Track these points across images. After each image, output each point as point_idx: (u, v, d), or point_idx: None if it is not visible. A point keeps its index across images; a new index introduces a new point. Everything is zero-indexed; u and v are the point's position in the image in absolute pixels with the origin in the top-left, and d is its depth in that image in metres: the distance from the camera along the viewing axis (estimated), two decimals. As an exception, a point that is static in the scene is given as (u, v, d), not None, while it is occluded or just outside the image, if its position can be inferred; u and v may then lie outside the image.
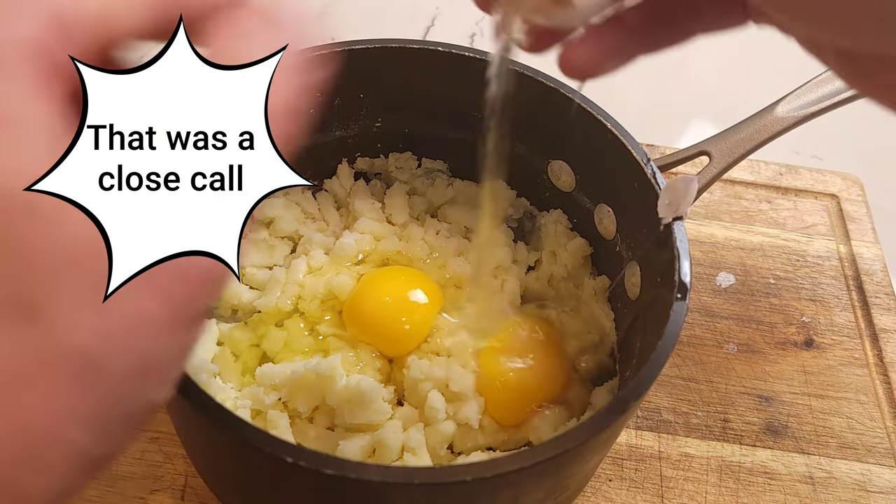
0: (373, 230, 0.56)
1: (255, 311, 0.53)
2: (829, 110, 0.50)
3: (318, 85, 0.26)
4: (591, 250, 0.56)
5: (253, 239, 0.56)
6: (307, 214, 0.58)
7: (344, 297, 0.53)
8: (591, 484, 0.52)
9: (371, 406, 0.46)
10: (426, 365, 0.49)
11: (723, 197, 0.70)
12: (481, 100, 0.48)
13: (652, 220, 0.46)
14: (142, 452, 0.50)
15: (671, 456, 0.54)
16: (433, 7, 0.89)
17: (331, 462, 0.34)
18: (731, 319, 0.62)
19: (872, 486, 0.54)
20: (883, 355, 0.61)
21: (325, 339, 0.52)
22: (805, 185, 0.72)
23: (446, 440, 0.47)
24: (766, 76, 0.87)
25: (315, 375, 0.46)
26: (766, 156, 0.63)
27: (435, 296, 0.53)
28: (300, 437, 0.47)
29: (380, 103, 0.56)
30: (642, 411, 0.56)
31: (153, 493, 0.49)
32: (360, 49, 0.51)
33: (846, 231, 0.69)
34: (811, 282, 0.65)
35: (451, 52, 0.52)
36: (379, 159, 0.60)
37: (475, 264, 0.55)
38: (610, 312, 0.55)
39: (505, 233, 0.58)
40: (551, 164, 0.56)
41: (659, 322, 0.41)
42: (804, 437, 0.56)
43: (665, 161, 0.50)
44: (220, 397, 0.48)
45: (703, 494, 0.52)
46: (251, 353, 0.52)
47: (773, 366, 0.59)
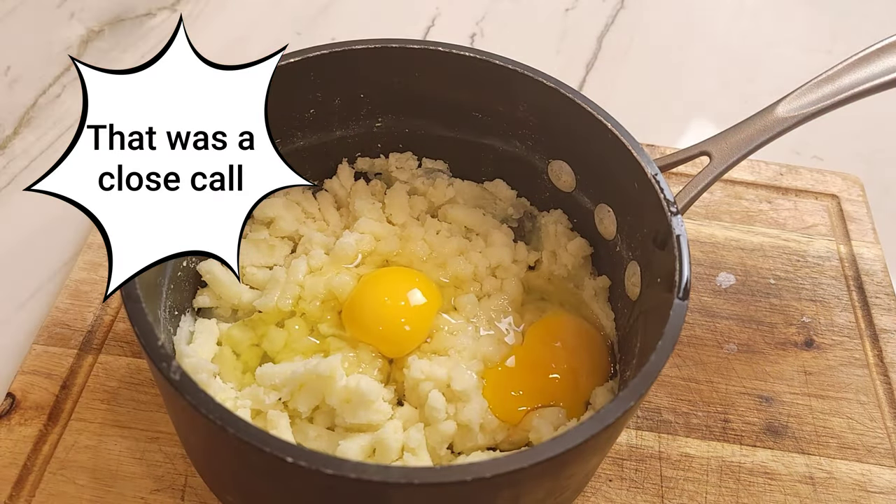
0: (373, 230, 0.56)
1: (256, 311, 0.53)
2: (829, 110, 0.50)
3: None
4: (591, 250, 0.56)
5: (253, 239, 0.56)
6: (307, 214, 0.58)
7: (344, 297, 0.53)
8: (592, 484, 0.52)
9: (371, 406, 0.46)
10: (426, 365, 0.49)
11: (723, 197, 0.70)
12: (481, 100, 0.48)
13: (652, 220, 0.46)
14: (142, 452, 0.51)
15: (671, 456, 0.54)
16: (433, 7, 0.89)
17: (331, 462, 0.34)
18: (731, 319, 0.62)
19: (872, 487, 0.54)
20: (883, 355, 0.61)
21: (325, 340, 0.52)
22: (805, 186, 0.72)
23: (446, 440, 0.47)
24: (766, 76, 0.87)
25: (315, 375, 0.46)
26: (766, 156, 0.63)
27: (434, 296, 0.53)
28: (300, 437, 0.47)
29: (380, 103, 0.56)
30: (642, 411, 0.56)
31: (153, 493, 0.49)
32: (360, 49, 0.51)
33: (846, 231, 0.69)
34: (811, 282, 0.65)
35: (451, 52, 0.52)
36: (379, 159, 0.60)
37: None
38: (610, 312, 0.55)
39: (505, 233, 0.58)
40: (551, 164, 0.56)
41: (659, 322, 0.41)
42: (804, 438, 0.56)
43: (665, 161, 0.50)
44: (220, 397, 0.48)
45: (704, 495, 0.52)
46: (251, 352, 0.52)
47: (773, 366, 0.59)
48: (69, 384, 0.53)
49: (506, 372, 0.51)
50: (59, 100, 0.74)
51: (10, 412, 0.51)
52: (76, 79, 0.76)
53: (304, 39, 0.83)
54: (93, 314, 0.57)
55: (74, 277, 0.59)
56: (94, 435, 0.51)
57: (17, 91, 0.75)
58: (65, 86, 0.76)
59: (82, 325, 0.56)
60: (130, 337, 0.56)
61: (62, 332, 0.56)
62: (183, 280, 0.52)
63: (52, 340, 0.55)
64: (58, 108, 0.74)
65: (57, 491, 0.49)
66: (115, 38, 0.81)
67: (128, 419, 0.52)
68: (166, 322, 0.48)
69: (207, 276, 0.53)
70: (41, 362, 0.54)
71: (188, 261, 0.52)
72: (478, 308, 0.54)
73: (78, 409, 0.52)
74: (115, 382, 0.53)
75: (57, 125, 0.72)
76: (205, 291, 0.54)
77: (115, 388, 0.53)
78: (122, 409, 0.52)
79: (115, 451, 0.51)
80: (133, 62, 0.81)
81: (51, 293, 0.60)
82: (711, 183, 0.49)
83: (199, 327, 0.52)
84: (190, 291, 0.53)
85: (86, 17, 0.83)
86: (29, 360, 0.54)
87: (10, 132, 0.71)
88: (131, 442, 0.51)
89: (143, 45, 0.81)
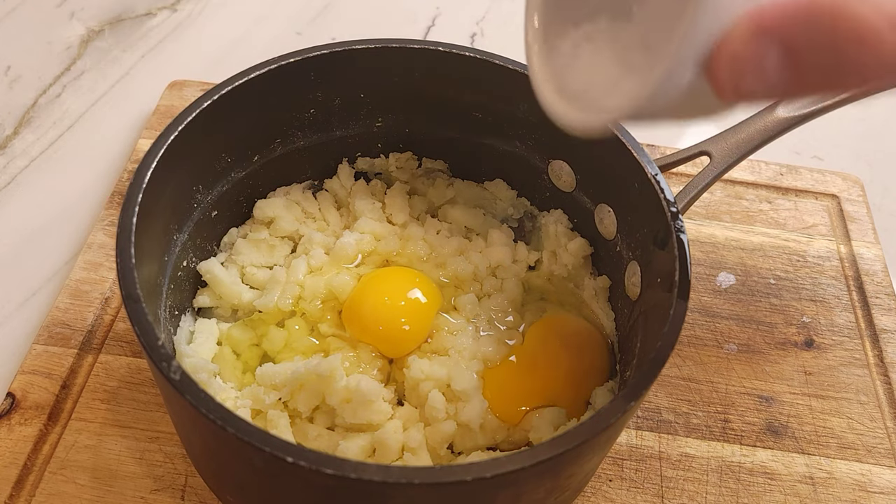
0: (373, 230, 0.56)
1: (256, 310, 0.53)
2: (829, 110, 0.50)
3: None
4: (591, 250, 0.56)
5: (253, 239, 0.56)
6: (307, 214, 0.58)
7: (344, 297, 0.53)
8: (592, 484, 0.52)
9: (371, 406, 0.46)
10: (426, 365, 0.49)
11: (723, 197, 0.70)
12: (481, 100, 0.48)
13: (653, 220, 0.46)
14: (142, 452, 0.51)
15: (671, 456, 0.54)
16: (433, 7, 0.89)
17: (331, 462, 0.34)
18: (731, 319, 0.62)
19: (873, 487, 0.54)
20: (883, 356, 0.61)
21: (325, 339, 0.52)
22: (805, 186, 0.72)
23: (446, 440, 0.47)
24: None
25: (315, 375, 0.46)
26: (766, 156, 0.63)
27: (434, 296, 0.53)
28: (300, 436, 0.47)
29: (380, 103, 0.56)
30: (642, 411, 0.56)
31: (153, 493, 0.49)
32: (360, 49, 0.51)
33: (847, 231, 0.69)
34: (811, 282, 0.65)
35: (451, 52, 0.52)
36: (379, 159, 0.60)
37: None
38: (610, 312, 0.55)
39: (505, 233, 0.58)
40: (552, 164, 0.56)
41: (659, 322, 0.41)
42: (804, 438, 0.56)
43: (665, 161, 0.50)
44: (221, 397, 0.48)
45: (704, 495, 0.52)
46: (251, 352, 0.52)
47: (773, 366, 0.59)
48: (69, 384, 0.53)
49: (506, 372, 0.51)
50: (59, 100, 0.74)
51: (10, 412, 0.51)
52: (76, 79, 0.76)
53: (304, 39, 0.83)
54: (93, 314, 0.57)
55: (74, 277, 0.59)
56: (94, 435, 0.51)
57: (17, 91, 0.75)
58: (65, 86, 0.76)
59: (82, 324, 0.56)
60: (130, 337, 0.56)
61: (62, 331, 0.56)
62: (183, 280, 0.52)
63: (52, 340, 0.55)
64: (58, 108, 0.74)
65: (57, 491, 0.49)
66: (115, 38, 0.81)
67: (128, 419, 0.52)
68: (166, 322, 0.48)
69: (207, 275, 0.53)
70: (41, 362, 0.54)
71: (188, 260, 0.52)
72: (478, 308, 0.54)
73: (78, 409, 0.52)
74: (115, 382, 0.53)
75: (57, 125, 0.72)
76: (205, 291, 0.54)
77: (115, 387, 0.53)
78: (122, 409, 0.52)
79: (115, 450, 0.50)
80: (133, 62, 0.81)
81: (51, 293, 0.60)
82: (711, 183, 0.49)
83: (199, 327, 0.52)
84: (190, 291, 0.53)
85: (86, 16, 0.83)
86: (29, 359, 0.54)
87: (10, 132, 0.71)
88: (131, 442, 0.51)
89: (143, 45, 0.81)
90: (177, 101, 0.71)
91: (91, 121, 0.73)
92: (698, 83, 0.27)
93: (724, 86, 0.27)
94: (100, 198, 0.66)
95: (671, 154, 0.51)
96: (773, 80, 0.25)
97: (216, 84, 0.48)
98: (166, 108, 0.71)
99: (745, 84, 0.26)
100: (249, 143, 0.53)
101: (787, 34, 0.25)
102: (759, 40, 0.25)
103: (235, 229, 0.56)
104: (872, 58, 0.24)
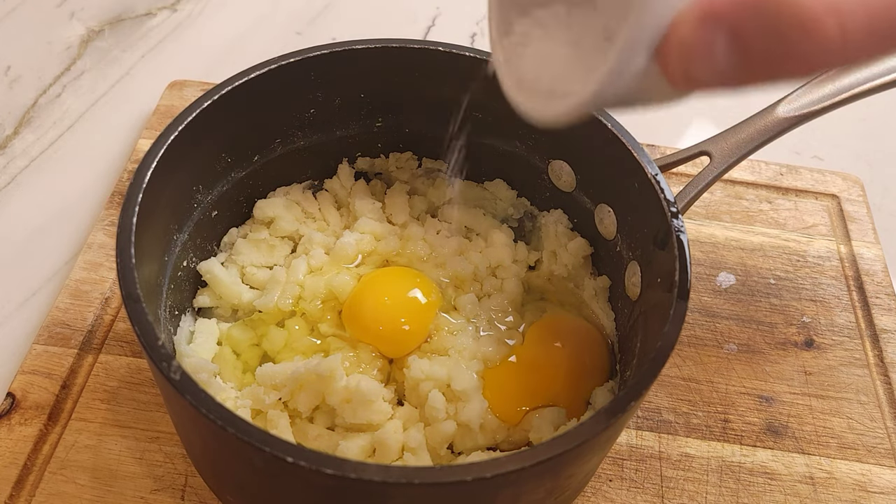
0: (373, 230, 0.56)
1: (256, 310, 0.53)
2: (829, 110, 0.50)
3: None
4: (591, 250, 0.56)
5: (253, 239, 0.56)
6: (307, 214, 0.58)
7: (344, 297, 0.53)
8: (592, 484, 0.52)
9: (371, 406, 0.46)
10: (426, 365, 0.49)
11: (723, 197, 0.70)
12: (481, 100, 0.48)
13: (653, 220, 0.46)
14: (142, 452, 0.51)
15: (671, 456, 0.54)
16: (433, 7, 0.89)
17: (331, 462, 0.34)
18: (731, 319, 0.62)
19: (873, 487, 0.54)
20: (883, 356, 0.61)
21: (325, 339, 0.52)
22: (805, 186, 0.72)
23: (446, 440, 0.47)
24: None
25: (315, 375, 0.46)
26: (766, 156, 0.63)
27: (434, 296, 0.53)
28: (300, 437, 0.47)
29: (380, 103, 0.56)
30: (642, 411, 0.56)
31: (153, 493, 0.49)
32: (360, 49, 0.51)
33: (847, 231, 0.69)
34: (811, 282, 0.65)
35: (451, 52, 0.52)
36: (379, 159, 0.60)
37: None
38: (610, 312, 0.55)
39: (505, 233, 0.58)
40: (552, 164, 0.56)
41: (659, 322, 0.41)
42: (804, 438, 0.56)
43: (665, 161, 0.50)
44: (221, 397, 0.48)
45: (704, 495, 0.52)
46: (251, 352, 0.52)
47: (773, 366, 0.59)
48: (69, 384, 0.53)
49: (506, 372, 0.51)
50: (59, 100, 0.74)
51: (10, 412, 0.51)
52: (76, 79, 0.76)
53: (304, 39, 0.83)
54: (93, 314, 0.57)
55: (74, 277, 0.59)
56: (94, 435, 0.51)
57: (17, 91, 0.75)
58: (65, 86, 0.76)
59: (82, 324, 0.56)
60: (130, 337, 0.56)
61: (62, 331, 0.56)
62: (183, 280, 0.52)
63: (52, 340, 0.55)
64: (58, 108, 0.74)
65: (57, 491, 0.49)
66: (115, 37, 0.81)
67: (128, 419, 0.52)
68: (166, 322, 0.48)
69: (207, 275, 0.53)
70: (41, 362, 0.54)
71: (188, 260, 0.52)
72: (478, 308, 0.54)
73: (78, 409, 0.52)
74: (115, 382, 0.53)
75: (57, 125, 0.72)
76: (205, 291, 0.54)
77: (115, 387, 0.53)
78: (122, 409, 0.52)
79: (115, 450, 0.50)
80: (133, 62, 0.81)
81: (51, 293, 0.60)
82: (711, 183, 0.49)
83: (199, 327, 0.52)
84: (190, 291, 0.53)
85: (86, 16, 0.83)
86: (29, 359, 0.54)
87: (10, 132, 0.71)
88: (131, 442, 0.51)
89: (143, 45, 0.81)
90: (177, 101, 0.71)
91: (91, 121, 0.73)
92: (652, 70, 0.27)
93: (675, 72, 0.26)
94: (100, 198, 0.66)
95: (671, 154, 0.51)
96: (722, 67, 0.25)
97: (216, 84, 0.48)
98: (166, 108, 0.71)
99: (694, 70, 0.26)
100: (249, 143, 0.53)
101: (735, 20, 0.25)
102: (708, 26, 0.25)
103: (235, 229, 0.56)
104: (814, 44, 0.24)
